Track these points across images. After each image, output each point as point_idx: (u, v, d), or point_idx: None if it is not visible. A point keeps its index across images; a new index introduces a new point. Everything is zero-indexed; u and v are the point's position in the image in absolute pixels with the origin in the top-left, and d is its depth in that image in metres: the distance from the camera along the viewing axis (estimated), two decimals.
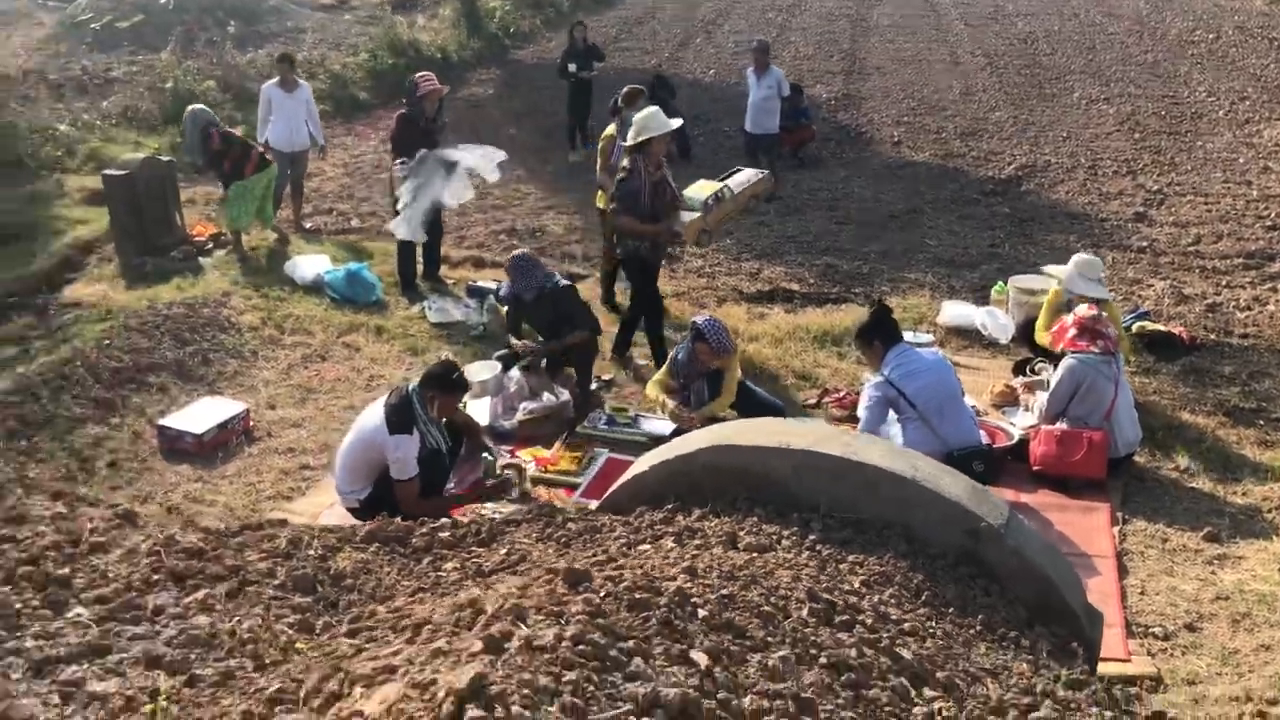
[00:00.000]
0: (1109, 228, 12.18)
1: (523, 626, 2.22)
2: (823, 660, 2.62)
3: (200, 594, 3.51)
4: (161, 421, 6.86)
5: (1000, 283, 9.32)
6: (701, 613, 2.61)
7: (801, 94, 14.79)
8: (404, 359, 8.24)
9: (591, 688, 2.09)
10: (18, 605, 3.35)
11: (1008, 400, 7.45)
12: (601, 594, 2.56)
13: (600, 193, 9.07)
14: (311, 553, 3.82)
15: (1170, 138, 15.69)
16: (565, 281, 7.83)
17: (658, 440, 6.87)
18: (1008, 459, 6.56)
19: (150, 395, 7.26)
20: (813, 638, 2.74)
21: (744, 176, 8.17)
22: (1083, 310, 6.72)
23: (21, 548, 3.74)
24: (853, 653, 2.70)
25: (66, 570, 3.59)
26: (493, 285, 9.24)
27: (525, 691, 1.96)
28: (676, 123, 8.24)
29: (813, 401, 7.60)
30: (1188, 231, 12.10)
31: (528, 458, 6.64)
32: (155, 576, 3.62)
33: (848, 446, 4.10)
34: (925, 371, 6.25)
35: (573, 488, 6.40)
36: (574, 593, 2.56)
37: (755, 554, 3.65)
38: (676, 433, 6.94)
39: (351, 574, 3.70)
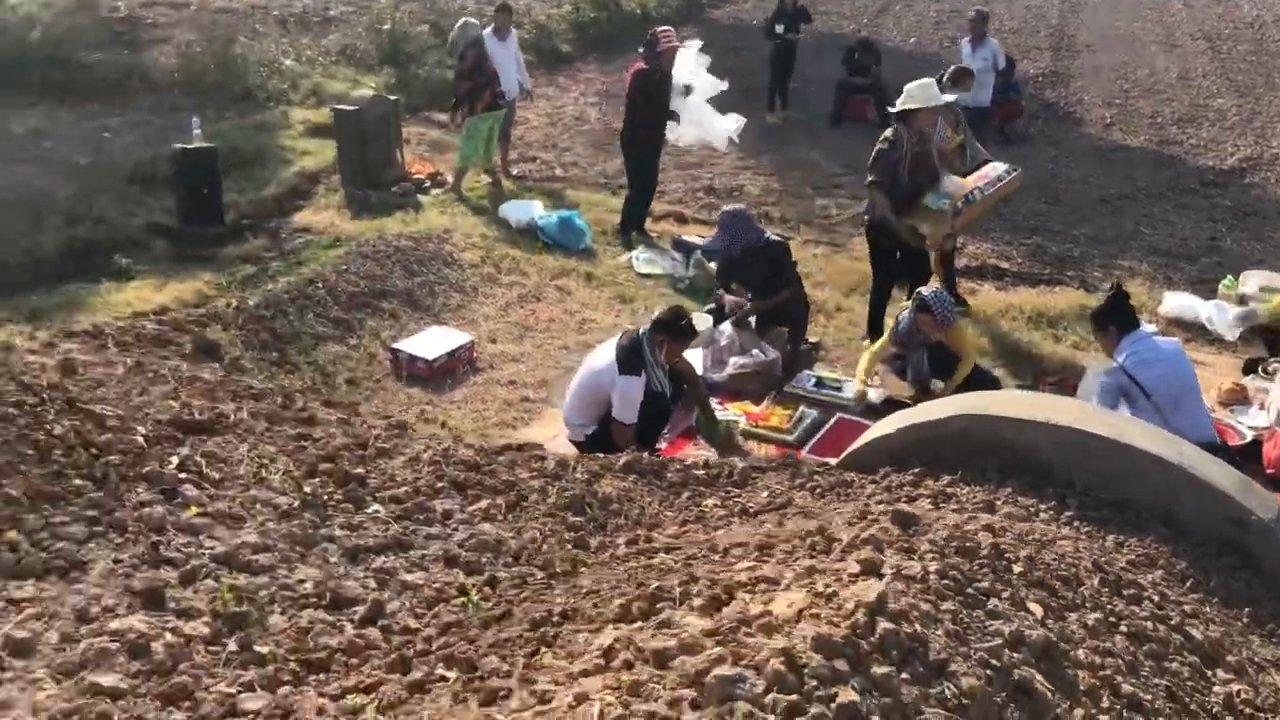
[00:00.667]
0: None
1: (883, 555, 2.31)
2: (1123, 629, 2.63)
3: (483, 504, 3.73)
4: (395, 345, 7.22)
5: (1229, 276, 8.95)
6: (1016, 568, 2.66)
7: (1014, 68, 14.41)
8: (613, 305, 8.44)
9: (965, 618, 2.17)
10: (324, 497, 3.63)
11: (1236, 398, 7.18)
12: (931, 538, 2.63)
13: None
14: (579, 476, 4.00)
15: None
16: (777, 238, 7.87)
17: (864, 405, 6.93)
18: (1238, 460, 6.33)
19: (383, 320, 7.64)
20: (1109, 606, 2.75)
21: (994, 173, 7.79)
22: None
23: (318, 446, 4.03)
24: (1148, 625, 2.71)
25: (361, 470, 3.86)
26: (699, 240, 9.35)
27: (916, 613, 2.05)
28: (949, 97, 8.11)
29: (1028, 384, 7.47)
30: None
31: (738, 411, 6.75)
32: (439, 484, 3.86)
33: (1113, 427, 4.05)
34: (1163, 360, 6.07)
35: (783, 444, 6.47)
36: (907, 534, 2.64)
37: (1016, 523, 3.66)
38: (887, 403, 6.97)
39: (616, 500, 3.86)
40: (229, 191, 9.83)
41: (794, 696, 1.73)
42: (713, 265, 8.90)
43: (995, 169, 7.69)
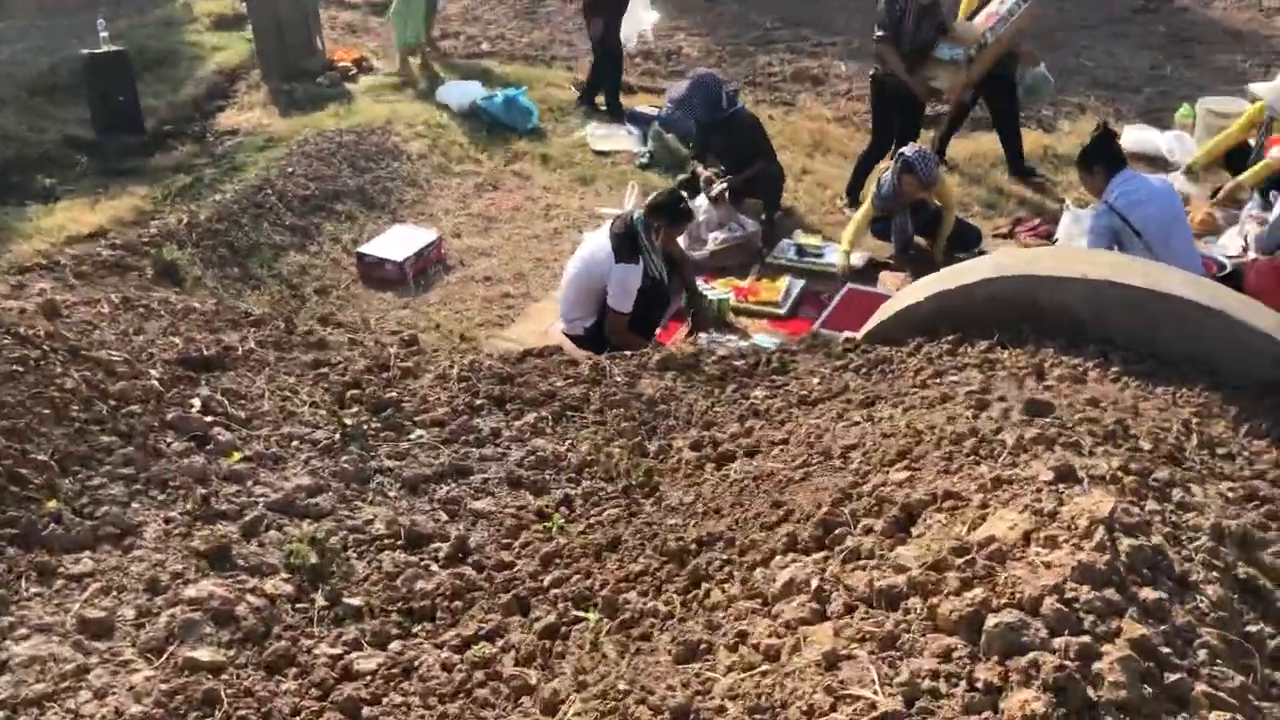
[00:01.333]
0: (1277, 46, 11.57)
1: (1072, 458, 2.21)
2: (1241, 493, 2.60)
3: (529, 418, 3.58)
4: (361, 249, 6.91)
5: (1186, 105, 8.94)
6: (1145, 445, 2.60)
7: None
8: (575, 188, 8.17)
9: (1171, 517, 2.10)
10: (363, 427, 3.44)
11: (1209, 229, 7.23)
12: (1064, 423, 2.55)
13: None
14: (617, 379, 3.86)
15: None
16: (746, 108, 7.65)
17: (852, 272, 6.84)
18: None
19: (340, 223, 7.29)
20: (1220, 469, 2.72)
21: (1003, 9, 7.36)
22: None
23: (338, 371, 3.82)
24: (1259, 485, 2.68)
25: (393, 394, 3.67)
26: (653, 111, 9.05)
27: (1134, 520, 1.97)
28: None
29: (1004, 231, 7.44)
30: None
31: (725, 289, 6.61)
32: (477, 401, 3.69)
33: (1148, 276, 4.00)
34: (1153, 198, 6.04)
35: (775, 317, 6.39)
36: (1046, 422, 2.55)
37: (1069, 384, 3.61)
38: (870, 265, 6.90)
39: (661, 399, 3.73)
40: (144, 96, 9.21)
41: (1084, 638, 1.64)
42: (671, 137, 8.63)
43: (1003, 4, 7.38)
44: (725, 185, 7.17)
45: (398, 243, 6.97)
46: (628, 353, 4.29)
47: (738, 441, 3.23)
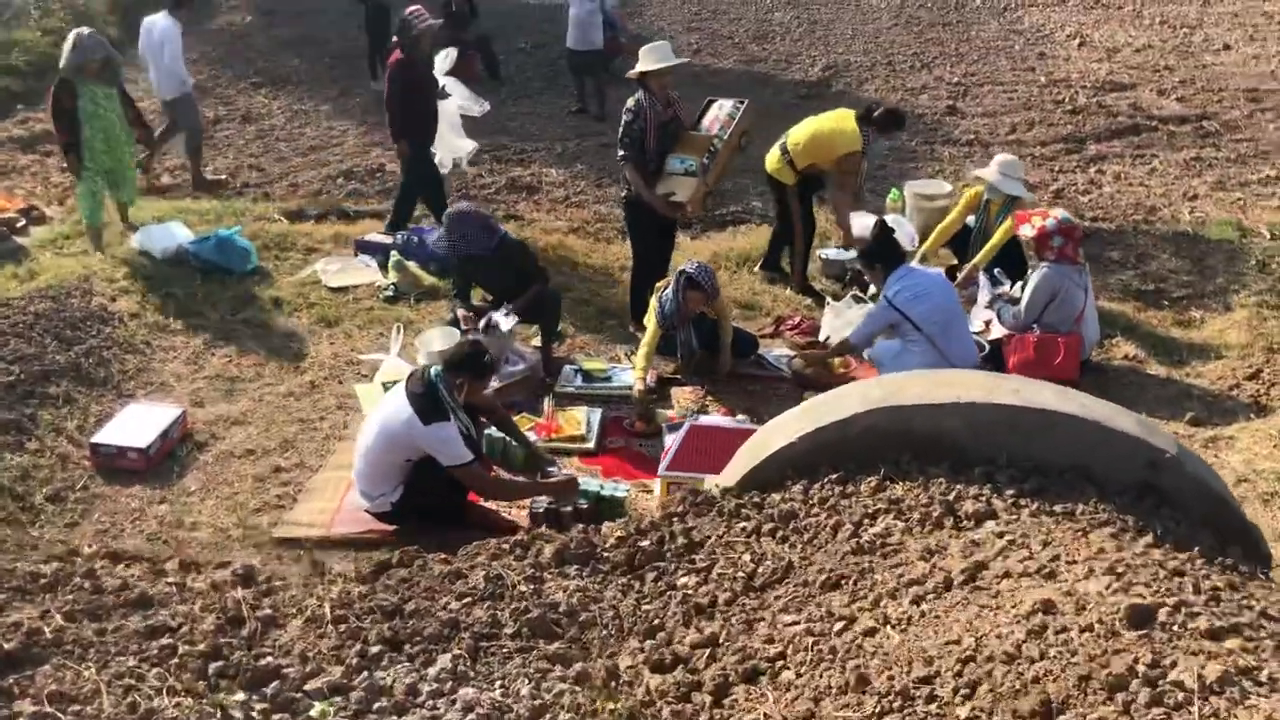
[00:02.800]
0: (930, 122, 12.67)
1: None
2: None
3: (444, 661, 3.05)
4: (94, 439, 5.92)
5: (895, 190, 9.51)
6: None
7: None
8: (321, 333, 7.49)
9: None
10: (252, 713, 2.79)
11: None
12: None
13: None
14: (520, 589, 3.38)
15: (945, 29, 16.47)
16: (511, 235, 7.32)
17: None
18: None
19: (58, 408, 6.24)
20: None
21: (723, 113, 7.44)
22: (1063, 215, 6.91)
23: (185, 639, 3.11)
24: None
25: (268, 657, 3.02)
26: (385, 239, 8.53)
27: None
28: (684, 60, 7.72)
29: (769, 331, 7.52)
30: (1001, 121, 12.82)
31: (526, 426, 6.22)
32: (371, 649, 3.10)
33: (1018, 393, 4.04)
34: (932, 292, 6.30)
35: (584, 454, 6.08)
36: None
37: (979, 522, 3.55)
38: (661, 382, 6.74)
39: (580, 605, 3.31)
40: None
41: None
42: (413, 265, 8.15)
43: (723, 108, 7.46)
44: (515, 319, 6.76)
45: (135, 425, 6.04)
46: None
47: (706, 655, 2.89)
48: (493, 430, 5.84)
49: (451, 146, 9.11)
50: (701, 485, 4.75)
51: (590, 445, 6.13)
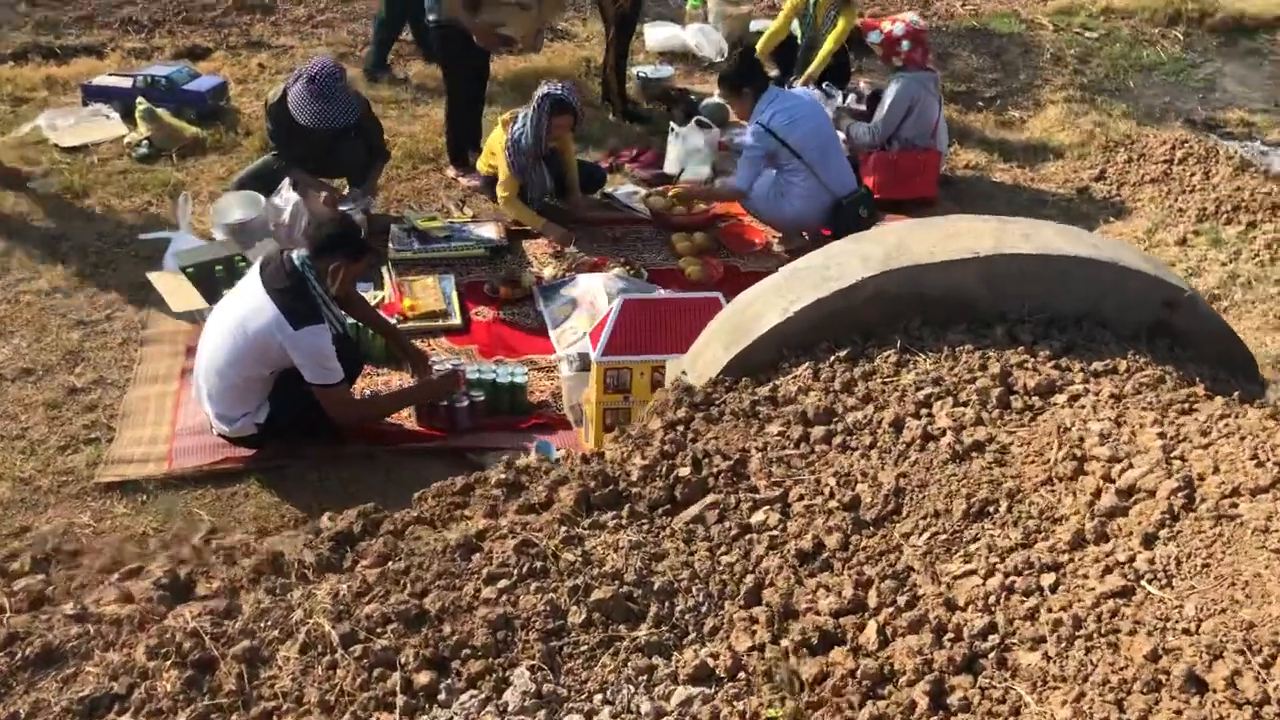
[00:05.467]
0: None
1: None
2: None
3: (524, 676, 2.32)
4: None
5: None
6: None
7: None
8: (72, 206, 6.07)
9: None
10: None
11: None
12: None
13: None
14: (566, 556, 2.66)
15: None
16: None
17: (493, 247, 5.84)
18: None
19: None
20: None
21: None
22: (911, 18, 6.46)
23: (145, 713, 2.20)
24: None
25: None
26: (122, 81, 6.98)
27: None
28: None
29: (605, 165, 6.77)
30: None
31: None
32: (418, 677, 2.33)
33: (1028, 239, 3.61)
34: (807, 115, 5.74)
35: (454, 331, 5.24)
36: None
37: (1045, 396, 3.16)
38: (512, 234, 5.95)
39: (647, 570, 2.64)
40: None
41: None
42: (166, 113, 6.71)
43: None
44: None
45: None
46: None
47: (867, 628, 2.32)
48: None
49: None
50: (649, 369, 4.14)
51: (456, 320, 5.29)
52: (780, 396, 3.36)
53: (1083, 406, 3.10)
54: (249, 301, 4.15)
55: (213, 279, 5.23)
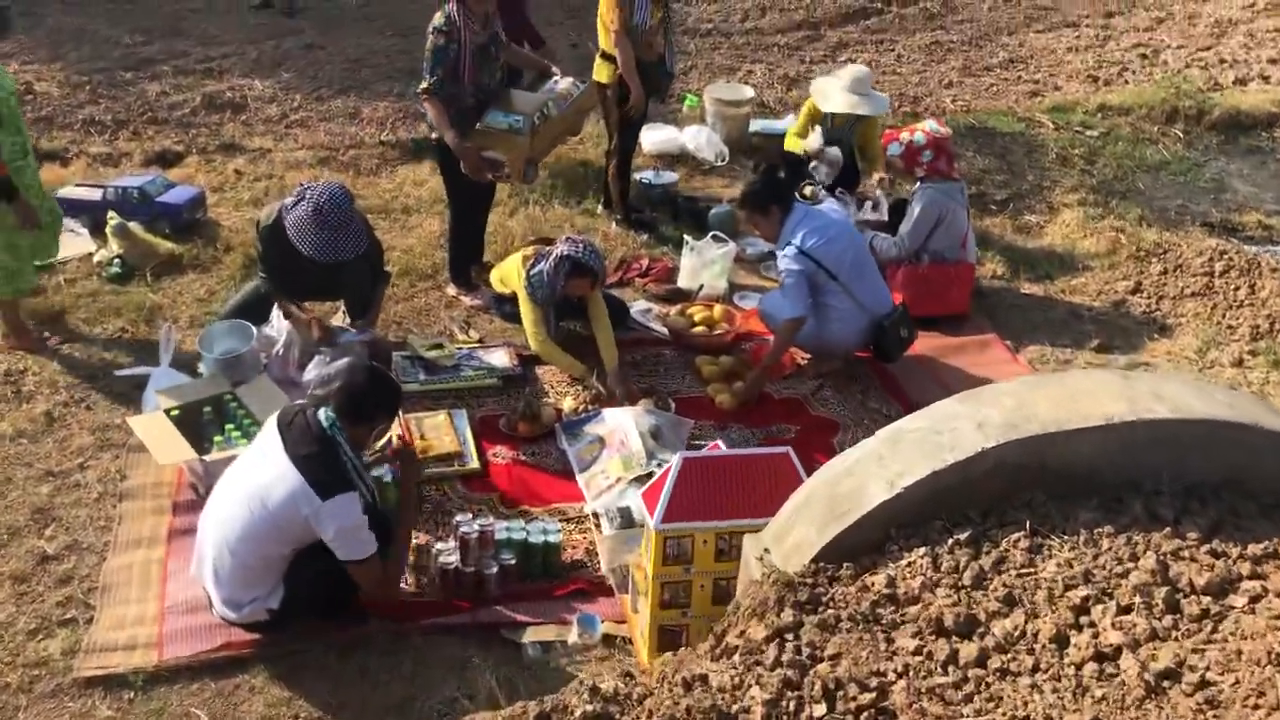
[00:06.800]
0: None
1: None
2: None
3: None
4: None
5: (690, 95, 8.46)
6: None
7: None
8: (40, 333, 5.51)
9: None
10: None
11: None
12: None
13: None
14: None
15: None
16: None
17: (505, 375, 5.37)
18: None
19: None
20: None
21: (561, 87, 5.88)
22: (931, 126, 6.14)
23: None
24: None
25: None
26: (91, 194, 6.46)
27: None
28: None
29: (614, 279, 6.34)
30: (732, 7, 12.13)
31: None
32: None
33: (1160, 399, 3.21)
34: (838, 233, 5.36)
35: (470, 476, 4.73)
36: None
37: (1218, 596, 2.73)
38: (525, 360, 5.49)
39: None
40: None
41: None
42: (138, 227, 6.20)
43: (559, 83, 5.93)
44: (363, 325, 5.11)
45: None
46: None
47: None
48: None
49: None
50: (713, 537, 3.65)
51: (474, 464, 4.78)
52: (901, 594, 2.90)
53: (1270, 611, 2.67)
54: (269, 469, 3.61)
55: (200, 422, 4.70)
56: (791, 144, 7.14)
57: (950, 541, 3.05)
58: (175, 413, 4.67)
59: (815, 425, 5.24)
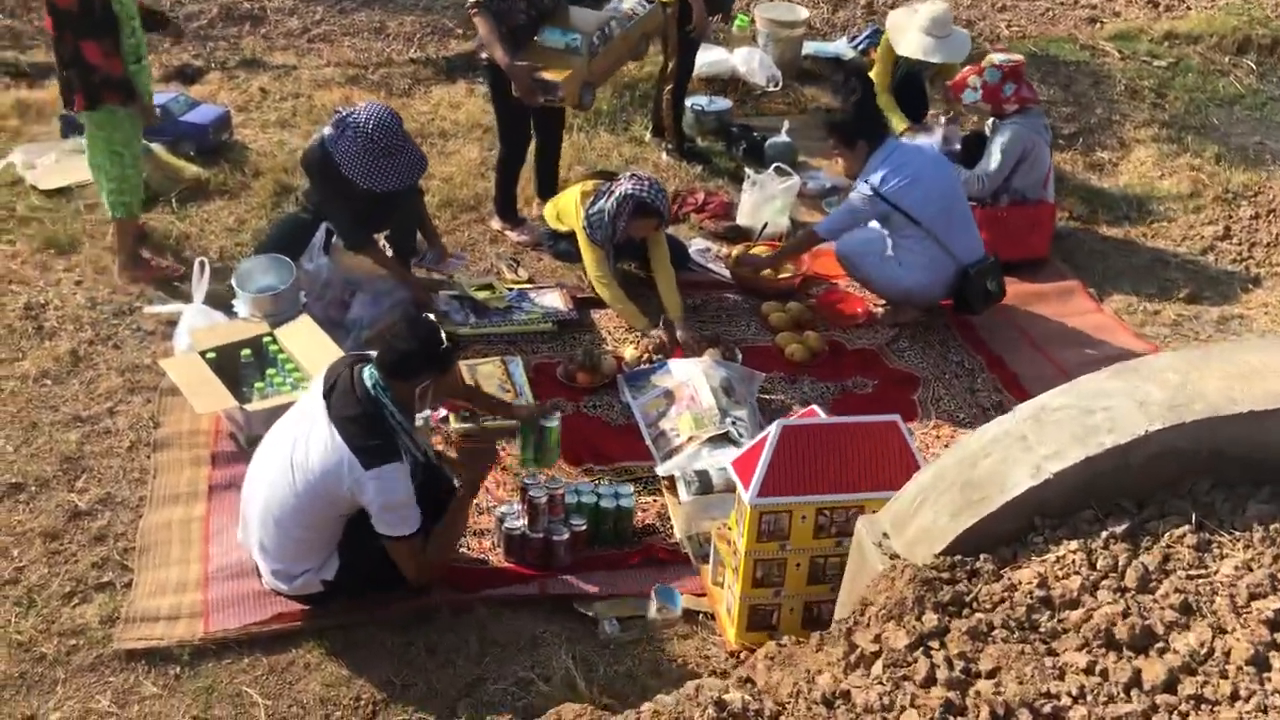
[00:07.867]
0: None
1: None
2: None
3: None
4: None
5: (742, 16, 7.95)
6: None
7: None
8: (57, 266, 5.17)
9: None
10: None
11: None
12: None
13: None
14: None
15: None
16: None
17: (560, 320, 5.01)
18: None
19: None
20: None
21: (625, 6, 5.43)
22: (999, 58, 5.68)
23: None
24: None
25: None
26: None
27: None
28: None
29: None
30: None
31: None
32: None
33: None
34: (925, 175, 4.95)
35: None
36: None
37: None
38: (580, 303, 5.13)
39: None
40: None
41: None
42: (161, 149, 5.77)
43: (624, 2, 5.46)
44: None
45: None
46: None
47: None
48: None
49: None
50: (813, 512, 3.33)
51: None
52: (1057, 597, 2.57)
53: None
54: (312, 433, 3.26)
55: (238, 366, 4.35)
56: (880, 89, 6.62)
57: (1105, 535, 2.72)
58: (211, 355, 4.32)
59: (894, 379, 4.89)
